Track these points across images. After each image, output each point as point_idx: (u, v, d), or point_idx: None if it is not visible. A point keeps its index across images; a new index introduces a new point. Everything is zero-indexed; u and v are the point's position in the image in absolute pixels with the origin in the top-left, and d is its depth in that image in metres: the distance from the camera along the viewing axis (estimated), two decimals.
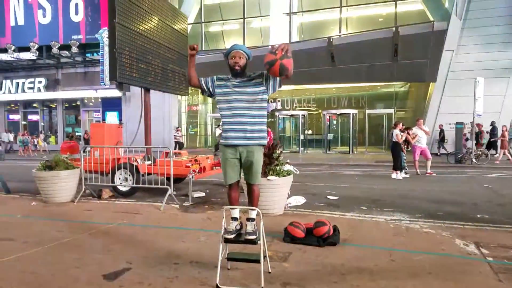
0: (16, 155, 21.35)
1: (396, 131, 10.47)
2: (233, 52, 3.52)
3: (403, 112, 22.16)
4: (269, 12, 21.92)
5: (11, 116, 28.10)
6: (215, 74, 3.69)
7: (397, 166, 10.36)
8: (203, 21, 23.17)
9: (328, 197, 7.20)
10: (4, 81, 25.73)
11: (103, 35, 20.84)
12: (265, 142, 3.56)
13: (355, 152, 19.99)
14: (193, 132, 26.46)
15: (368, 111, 21.27)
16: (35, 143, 23.49)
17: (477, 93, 13.41)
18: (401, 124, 10.74)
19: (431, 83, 18.30)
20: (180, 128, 21.31)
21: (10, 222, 5.37)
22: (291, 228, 4.23)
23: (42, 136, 24.08)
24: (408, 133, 10.71)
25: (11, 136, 24.18)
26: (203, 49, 22.51)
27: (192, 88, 21.71)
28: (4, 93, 25.63)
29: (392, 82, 20.83)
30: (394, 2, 19.05)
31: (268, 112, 23.30)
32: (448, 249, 4.01)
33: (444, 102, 17.68)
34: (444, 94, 17.70)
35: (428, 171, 10.93)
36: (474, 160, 13.61)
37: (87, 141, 19.14)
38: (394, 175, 10.31)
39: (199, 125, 26.80)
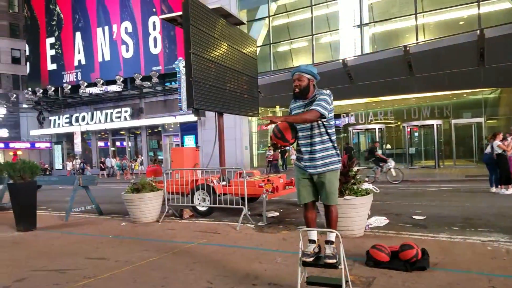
0: (114, 179, 23.44)
1: (497, 142, 9.55)
2: (294, 75, 3.49)
3: (495, 121, 20.10)
4: (338, 26, 21.68)
5: (101, 143, 31.13)
6: (283, 92, 3.73)
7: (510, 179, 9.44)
8: (271, 42, 23.63)
9: (414, 217, 6.68)
10: (94, 112, 28.79)
11: (180, 64, 22.28)
12: (337, 166, 3.44)
13: (442, 166, 18.57)
14: (263, 151, 26.75)
15: (454, 121, 19.68)
16: (133, 167, 25.61)
17: None
18: (501, 135, 9.80)
19: None
20: (272, 148, 21.31)
21: (102, 242, 5.81)
22: (374, 252, 3.97)
23: (139, 160, 26.13)
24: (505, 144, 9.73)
25: (113, 161, 26.71)
26: (272, 69, 22.88)
27: (262, 108, 21.69)
28: (95, 123, 28.68)
29: (479, 88, 19.14)
30: (477, 3, 17.63)
31: (340, 127, 22.52)
32: None
33: None
34: None
35: None
36: None
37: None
38: (506, 191, 9.35)
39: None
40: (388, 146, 22.36)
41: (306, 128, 3.42)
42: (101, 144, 31.13)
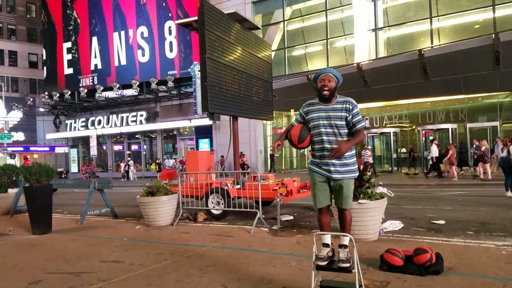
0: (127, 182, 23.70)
1: None
2: (322, 75, 3.44)
3: (511, 124, 19.75)
4: (353, 30, 21.63)
5: (117, 147, 31.50)
6: (298, 96, 3.74)
7: None
8: (286, 46, 23.67)
9: (433, 221, 6.59)
10: (110, 116, 29.21)
11: (195, 69, 22.49)
12: (355, 174, 3.47)
13: (457, 170, 18.25)
14: (277, 155, 26.69)
15: (469, 125, 19.41)
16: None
17: None
18: None
19: None
20: (369, 147, 19.12)
21: (117, 245, 5.86)
22: (388, 256, 3.96)
23: None
24: None
25: (171, 162, 26.88)
26: (286, 73, 22.91)
27: (277, 111, 21.59)
28: (111, 126, 29.05)
29: (495, 92, 18.87)
30: (492, 7, 17.39)
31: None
32: None
33: None
34: None
35: None
36: None
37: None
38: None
39: (284, 148, 26.98)
40: (404, 150, 22.13)
41: (333, 133, 3.40)
42: (118, 147, 31.51)
